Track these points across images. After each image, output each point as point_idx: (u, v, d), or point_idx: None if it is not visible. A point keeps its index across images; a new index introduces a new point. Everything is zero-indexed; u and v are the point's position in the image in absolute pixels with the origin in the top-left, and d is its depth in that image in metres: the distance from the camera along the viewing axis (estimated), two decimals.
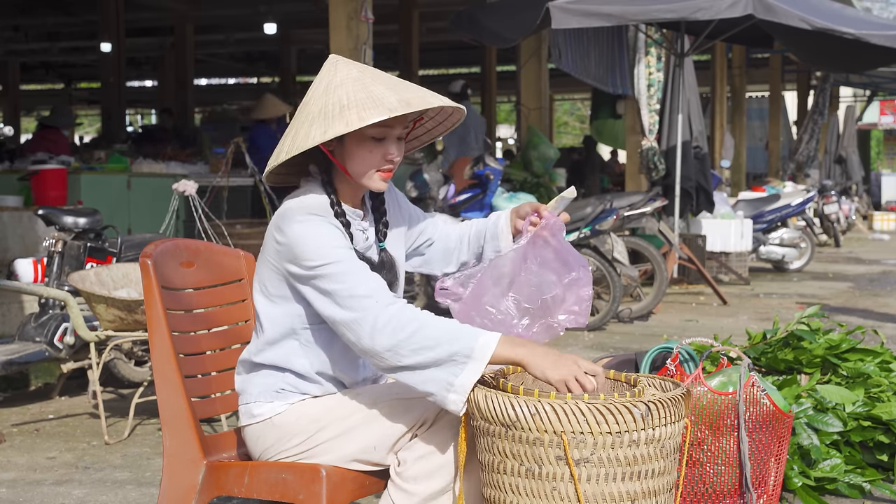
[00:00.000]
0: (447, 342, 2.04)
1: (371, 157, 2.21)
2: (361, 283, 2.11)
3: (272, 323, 2.26)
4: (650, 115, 9.36)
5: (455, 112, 2.37)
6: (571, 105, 36.75)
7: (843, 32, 7.64)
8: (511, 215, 2.44)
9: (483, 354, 2.04)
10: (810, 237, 11.71)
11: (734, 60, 17.40)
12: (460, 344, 2.04)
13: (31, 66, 23.04)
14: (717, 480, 2.95)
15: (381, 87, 2.17)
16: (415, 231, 2.50)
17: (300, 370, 2.26)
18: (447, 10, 13.35)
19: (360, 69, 2.23)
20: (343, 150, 2.23)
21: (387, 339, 2.06)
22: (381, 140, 2.21)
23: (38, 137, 10.38)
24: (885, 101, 26.45)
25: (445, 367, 2.04)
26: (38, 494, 3.60)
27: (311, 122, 2.16)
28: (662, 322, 7.52)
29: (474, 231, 2.52)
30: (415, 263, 2.54)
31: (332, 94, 2.17)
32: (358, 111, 2.12)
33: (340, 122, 2.12)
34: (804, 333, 3.71)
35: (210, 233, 5.56)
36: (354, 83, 2.17)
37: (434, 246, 2.53)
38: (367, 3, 6.73)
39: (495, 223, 2.47)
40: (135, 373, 5.01)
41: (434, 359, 2.04)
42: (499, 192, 8.24)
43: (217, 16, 16.87)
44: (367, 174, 2.23)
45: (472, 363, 2.04)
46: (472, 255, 2.52)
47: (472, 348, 2.04)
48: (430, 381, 2.06)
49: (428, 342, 2.04)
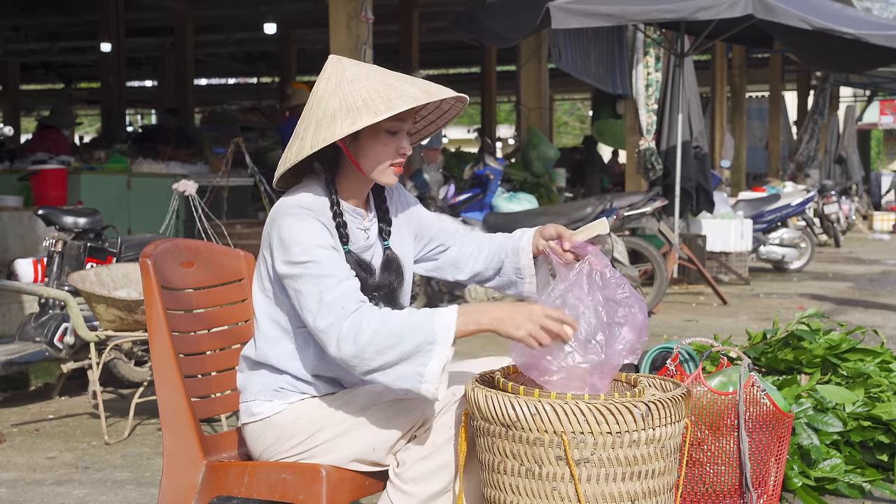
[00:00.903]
0: (408, 335, 2.03)
1: (386, 150, 2.22)
2: (332, 289, 2.09)
3: (270, 321, 2.26)
4: (648, 115, 9.36)
5: (449, 111, 2.39)
6: (571, 105, 36.75)
7: (843, 32, 7.64)
8: (535, 235, 2.41)
9: (446, 337, 2.03)
10: (810, 237, 11.71)
11: (734, 60, 17.41)
12: (422, 333, 2.03)
13: (31, 66, 23.04)
14: (717, 480, 2.95)
15: (396, 80, 2.19)
16: (427, 235, 2.48)
17: (296, 371, 2.26)
18: (447, 10, 13.35)
19: (367, 66, 2.24)
20: (357, 146, 2.23)
21: (350, 346, 2.05)
22: (395, 134, 2.22)
23: (38, 137, 10.38)
24: (885, 101, 26.45)
25: (413, 359, 2.03)
26: (38, 494, 3.60)
27: (333, 117, 2.15)
28: (662, 322, 7.52)
29: (496, 244, 2.49)
30: (426, 268, 2.52)
31: (347, 88, 2.17)
32: (385, 102, 2.12)
33: (368, 114, 2.12)
34: (804, 333, 3.71)
35: (210, 233, 5.56)
36: (368, 77, 2.18)
37: (447, 252, 2.51)
38: (367, 3, 6.74)
39: (518, 239, 2.45)
40: (135, 373, 5.01)
41: (399, 355, 2.03)
42: (499, 192, 8.25)
43: (217, 16, 16.87)
44: (380, 168, 2.24)
45: (438, 348, 2.03)
46: (487, 267, 2.49)
47: (434, 334, 2.03)
48: (402, 377, 2.05)
49: (389, 340, 2.03)
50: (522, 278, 2.44)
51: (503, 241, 2.48)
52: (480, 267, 2.49)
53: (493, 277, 2.49)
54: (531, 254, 2.41)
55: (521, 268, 2.43)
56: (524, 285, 2.45)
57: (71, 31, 18.44)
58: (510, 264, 2.45)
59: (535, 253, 2.41)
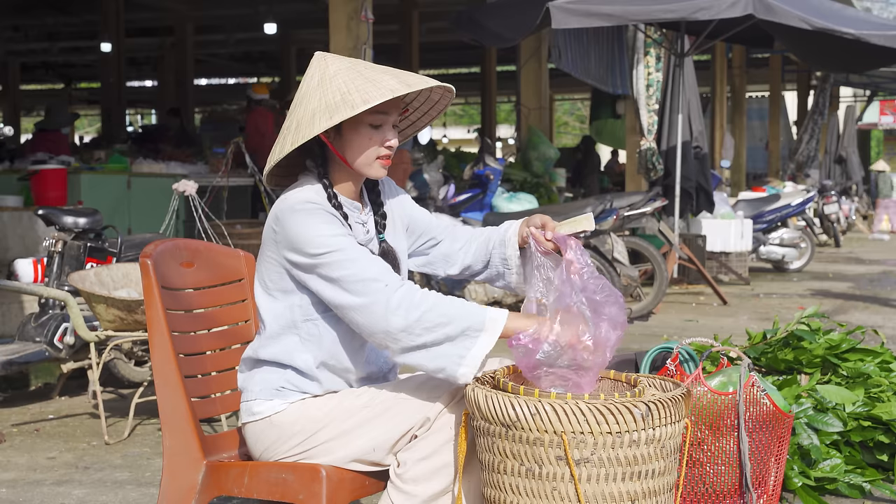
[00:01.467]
0: (459, 318, 2.09)
1: (370, 144, 2.24)
2: (367, 268, 2.14)
3: (273, 318, 2.26)
4: (649, 115, 9.36)
5: (440, 101, 2.40)
6: (571, 105, 36.75)
7: (843, 32, 7.64)
8: (522, 226, 2.42)
9: (494, 327, 2.10)
10: (810, 237, 11.71)
11: (734, 60, 17.41)
12: (472, 319, 2.09)
13: (31, 66, 23.04)
14: (717, 480, 2.95)
15: (377, 73, 2.21)
16: (418, 229, 2.49)
17: (301, 366, 2.26)
18: (447, 10, 13.36)
19: (350, 61, 2.26)
20: (342, 141, 2.24)
21: (401, 319, 2.09)
22: (378, 127, 2.24)
23: (38, 138, 10.39)
24: (885, 101, 26.45)
25: (458, 341, 2.09)
26: (38, 494, 3.60)
27: (313, 114, 2.18)
28: (662, 322, 7.52)
29: (484, 236, 2.50)
30: (418, 262, 2.53)
31: (328, 84, 2.19)
32: (361, 95, 2.15)
33: (345, 108, 2.14)
34: (804, 333, 3.71)
35: (210, 233, 5.56)
36: (349, 71, 2.21)
37: (438, 246, 2.52)
38: (367, 3, 6.74)
39: (505, 230, 2.46)
40: (135, 373, 5.01)
41: (447, 335, 2.09)
42: (499, 192, 8.25)
43: (217, 16, 16.87)
44: (367, 162, 2.25)
45: (484, 336, 2.09)
46: (477, 260, 2.49)
47: (482, 322, 2.09)
48: (442, 356, 2.10)
49: (441, 319, 2.09)
50: (510, 268, 2.44)
51: (491, 233, 2.50)
52: (470, 260, 2.50)
53: (482, 271, 2.50)
54: (517, 244, 2.42)
55: (508, 258, 2.43)
56: (511, 276, 2.45)
57: (71, 31, 18.45)
58: (497, 255, 2.46)
59: (521, 243, 2.41)
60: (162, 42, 18.47)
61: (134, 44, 18.24)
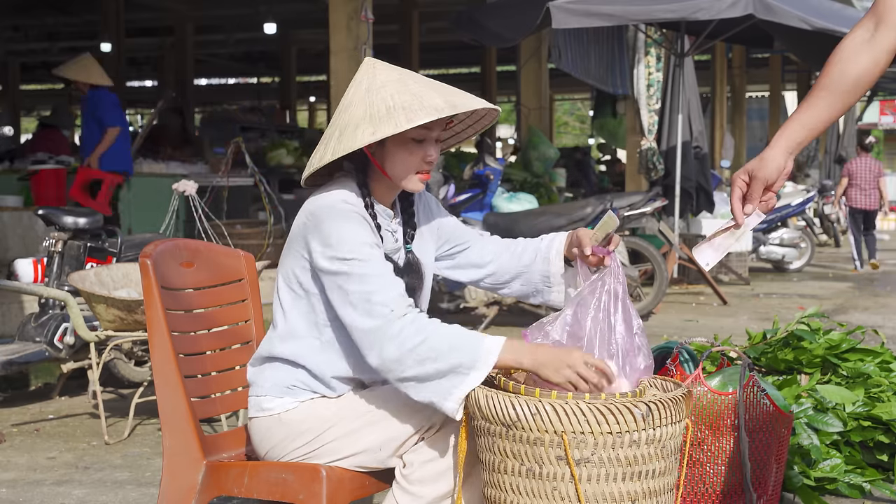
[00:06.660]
0: (451, 353, 2.04)
1: (411, 158, 2.21)
2: (381, 290, 2.10)
3: (296, 316, 2.24)
4: (649, 115, 9.36)
5: (485, 116, 2.36)
6: (571, 105, 36.74)
7: (843, 32, 7.62)
8: (566, 242, 2.37)
9: (486, 363, 2.04)
10: (810, 237, 11.71)
11: (734, 60, 17.41)
12: (464, 354, 2.04)
13: (31, 66, 23.03)
14: (717, 480, 2.95)
15: (425, 89, 2.17)
16: (445, 234, 2.46)
17: (314, 369, 2.24)
18: (447, 10, 13.36)
19: (399, 71, 2.22)
20: (383, 152, 2.22)
21: (394, 350, 2.06)
22: (421, 142, 2.21)
23: (38, 137, 10.39)
24: (885, 101, 26.43)
25: (448, 377, 2.05)
26: (38, 494, 3.60)
27: (357, 124, 2.15)
28: (662, 322, 7.52)
29: (520, 248, 2.45)
30: (444, 265, 2.49)
31: (375, 95, 2.16)
32: (406, 113, 2.11)
33: (389, 124, 2.11)
34: (804, 333, 3.70)
35: (210, 233, 5.56)
36: (397, 84, 2.17)
37: (467, 252, 2.48)
38: (367, 3, 6.74)
39: (548, 246, 2.41)
40: (135, 373, 5.01)
41: (437, 370, 2.04)
42: (499, 193, 8.24)
43: (217, 16, 16.88)
44: (406, 176, 2.23)
45: (475, 373, 2.04)
46: (504, 271, 2.46)
47: (475, 359, 2.04)
48: (429, 390, 2.06)
49: (431, 353, 2.04)
50: (550, 286, 2.41)
51: (527, 245, 2.45)
52: (495, 268, 2.46)
53: (510, 282, 2.46)
54: (562, 262, 2.38)
55: (551, 275, 2.39)
56: (551, 293, 2.42)
57: (71, 31, 18.45)
58: (538, 271, 2.42)
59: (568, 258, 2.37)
60: (162, 42, 18.48)
61: (134, 44, 18.25)
